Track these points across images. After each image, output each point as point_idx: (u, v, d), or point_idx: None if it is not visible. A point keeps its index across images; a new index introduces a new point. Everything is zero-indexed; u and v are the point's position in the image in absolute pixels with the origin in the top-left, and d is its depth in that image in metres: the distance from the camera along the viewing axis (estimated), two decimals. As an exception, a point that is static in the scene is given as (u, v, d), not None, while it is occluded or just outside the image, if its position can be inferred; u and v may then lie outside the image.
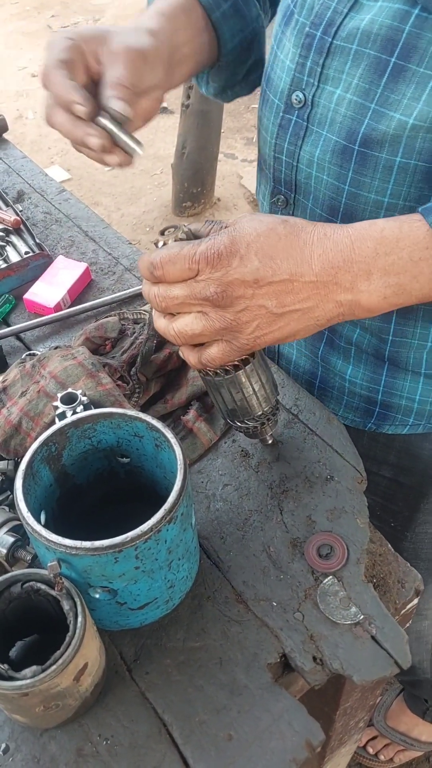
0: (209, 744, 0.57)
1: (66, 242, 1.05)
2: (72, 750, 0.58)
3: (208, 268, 0.55)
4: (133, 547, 0.54)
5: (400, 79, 0.61)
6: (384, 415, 0.85)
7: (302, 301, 0.57)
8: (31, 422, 0.72)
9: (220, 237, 0.56)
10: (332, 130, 0.68)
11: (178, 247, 0.56)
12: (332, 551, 0.67)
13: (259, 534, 0.70)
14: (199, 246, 0.56)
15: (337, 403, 0.88)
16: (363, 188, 0.67)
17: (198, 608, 0.65)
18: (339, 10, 0.65)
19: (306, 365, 0.89)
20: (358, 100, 0.65)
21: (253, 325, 0.57)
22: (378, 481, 0.94)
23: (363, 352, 0.80)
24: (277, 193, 0.77)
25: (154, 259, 0.57)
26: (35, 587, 0.57)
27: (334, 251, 0.56)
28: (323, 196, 0.71)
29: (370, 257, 0.56)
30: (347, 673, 0.61)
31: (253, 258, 0.55)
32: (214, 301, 0.56)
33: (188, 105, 2.57)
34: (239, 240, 0.56)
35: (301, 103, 0.70)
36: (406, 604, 0.70)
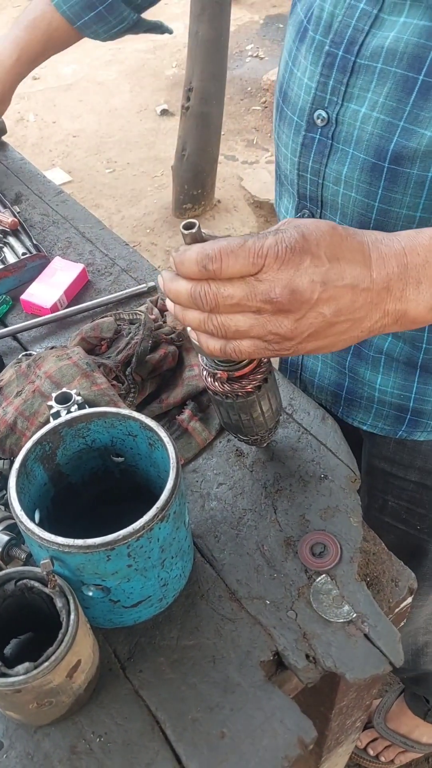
0: (202, 741, 0.58)
1: (63, 243, 1.06)
2: (66, 747, 0.58)
3: (276, 265, 0.49)
4: (126, 545, 0.55)
5: (429, 96, 0.61)
6: (416, 422, 0.84)
7: (357, 310, 0.53)
8: (26, 422, 0.72)
9: (290, 231, 0.49)
10: (359, 148, 0.67)
11: (240, 238, 0.49)
12: (326, 550, 0.68)
13: (253, 533, 0.70)
14: (265, 239, 0.49)
15: (365, 412, 0.87)
16: (394, 204, 0.67)
17: (192, 606, 0.66)
18: (360, 28, 0.64)
19: (332, 376, 0.88)
20: (386, 119, 0.64)
21: (306, 334, 0.52)
22: (404, 485, 0.93)
23: (394, 361, 0.80)
24: (303, 208, 0.77)
25: (209, 250, 0.49)
26: (29, 585, 0.57)
27: (389, 256, 0.53)
28: (352, 212, 0.71)
29: (421, 265, 0.53)
30: (340, 671, 0.61)
31: (323, 258, 0.50)
32: (278, 305, 0.50)
33: (188, 107, 2.58)
34: (310, 237, 0.50)
35: (325, 121, 0.69)
36: (399, 603, 0.70)
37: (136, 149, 3.34)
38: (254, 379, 0.62)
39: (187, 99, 2.57)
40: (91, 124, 3.52)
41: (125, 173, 3.20)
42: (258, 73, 3.77)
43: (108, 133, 3.46)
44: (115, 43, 1.07)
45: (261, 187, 2.95)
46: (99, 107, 3.66)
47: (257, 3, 4.45)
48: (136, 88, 3.79)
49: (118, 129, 3.49)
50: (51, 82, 3.86)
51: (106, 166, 3.25)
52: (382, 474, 0.95)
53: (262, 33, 4.17)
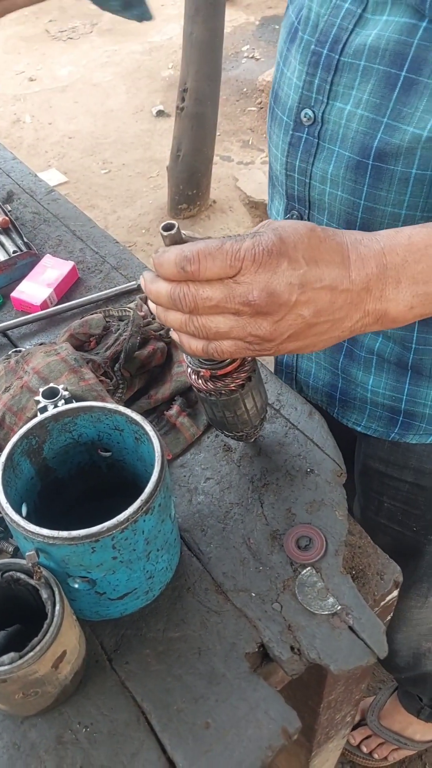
0: (187, 732, 0.58)
1: (54, 241, 1.07)
2: (52, 737, 0.59)
3: (253, 268, 0.49)
4: (110, 536, 0.55)
5: (411, 92, 0.62)
6: (408, 424, 0.85)
7: (336, 311, 0.53)
8: (14, 417, 0.73)
9: (267, 234, 0.50)
10: (344, 146, 0.68)
11: (218, 241, 0.50)
12: (311, 543, 0.68)
13: (239, 526, 0.71)
14: (243, 241, 0.50)
15: (359, 413, 0.88)
16: (379, 202, 0.67)
17: (178, 599, 0.66)
18: (344, 27, 0.65)
19: (326, 378, 0.88)
20: (370, 115, 0.65)
21: (286, 335, 0.53)
22: (399, 486, 0.94)
23: (385, 362, 0.80)
24: (291, 209, 0.77)
25: (188, 252, 0.50)
26: (15, 576, 0.58)
27: (368, 257, 0.54)
28: (338, 211, 0.71)
29: (400, 265, 0.54)
30: (324, 663, 0.61)
31: (300, 260, 0.51)
32: (256, 307, 0.50)
33: (183, 108, 2.59)
34: (287, 239, 0.50)
35: (311, 120, 0.70)
36: (385, 596, 0.70)
37: (132, 150, 3.35)
38: (238, 377, 0.62)
39: (182, 100, 2.58)
40: (86, 126, 3.53)
41: (121, 174, 3.20)
42: (254, 74, 3.78)
43: (104, 134, 3.47)
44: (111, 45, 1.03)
45: (256, 188, 2.96)
46: (95, 108, 3.67)
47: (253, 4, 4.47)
48: (132, 89, 3.81)
49: (114, 130, 3.50)
50: (47, 84, 3.87)
51: (102, 166, 3.26)
52: (377, 475, 0.95)
53: (258, 34, 4.18)
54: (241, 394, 0.64)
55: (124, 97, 3.75)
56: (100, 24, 4.38)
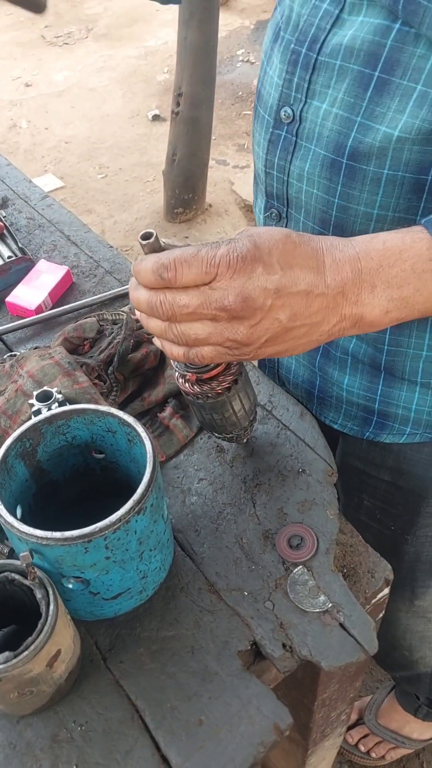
0: (180, 729, 0.59)
1: (48, 246, 1.08)
2: (47, 736, 0.60)
3: (228, 274, 0.51)
4: (103, 537, 0.56)
5: (384, 92, 0.63)
6: (381, 424, 0.85)
7: (312, 315, 0.55)
8: (8, 420, 0.74)
9: (242, 241, 0.51)
10: (320, 145, 0.69)
11: (193, 248, 0.51)
12: (302, 542, 0.69)
13: (232, 526, 0.72)
14: (218, 248, 0.51)
15: (336, 411, 0.89)
16: (352, 201, 0.68)
17: (172, 599, 0.67)
18: (322, 27, 0.66)
19: (305, 375, 0.89)
20: (344, 114, 0.66)
21: (263, 339, 0.54)
22: (377, 484, 0.94)
23: (359, 362, 0.81)
24: (270, 207, 0.79)
25: (164, 260, 0.51)
26: (9, 577, 0.59)
27: (343, 261, 0.55)
28: (314, 209, 0.72)
29: (375, 270, 0.55)
30: (316, 660, 0.62)
31: (275, 266, 0.52)
32: (232, 312, 0.52)
33: (178, 112, 2.60)
34: (262, 245, 0.52)
35: (290, 118, 0.71)
36: (376, 594, 0.71)
37: (128, 155, 3.36)
38: (224, 380, 0.63)
39: (177, 104, 2.59)
40: (83, 131, 3.55)
41: (117, 178, 3.22)
42: (249, 78, 3.80)
43: (100, 138, 3.49)
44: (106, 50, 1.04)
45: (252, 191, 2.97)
46: (91, 113, 3.68)
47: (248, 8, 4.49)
48: (127, 94, 3.82)
49: (110, 135, 3.51)
50: (43, 89, 3.89)
51: (99, 171, 3.27)
52: (356, 472, 0.96)
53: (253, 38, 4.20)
54: (228, 397, 0.65)
55: (119, 101, 3.76)
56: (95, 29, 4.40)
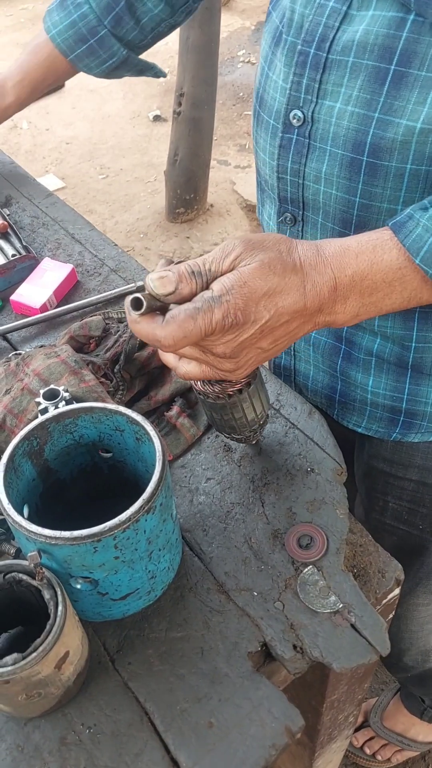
0: (190, 731, 0.58)
1: (53, 245, 1.07)
2: (55, 739, 0.59)
3: (221, 333, 0.55)
4: (112, 536, 0.55)
5: (402, 85, 0.62)
6: (409, 423, 0.84)
7: (290, 332, 0.59)
8: (15, 419, 0.73)
9: (235, 300, 0.54)
10: (337, 144, 0.68)
11: (189, 319, 0.53)
12: (312, 542, 0.68)
13: (240, 526, 0.71)
14: (212, 312, 0.53)
15: (360, 415, 0.88)
16: (375, 199, 0.68)
17: (180, 599, 0.66)
18: (330, 25, 0.65)
19: (325, 380, 0.88)
20: (361, 111, 0.65)
21: (249, 363, 0.59)
22: (404, 485, 0.93)
23: (384, 362, 0.80)
24: (284, 212, 0.77)
25: (160, 336, 0.54)
26: (17, 578, 0.58)
27: (321, 284, 0.58)
28: (333, 210, 0.71)
29: (348, 284, 0.59)
30: (327, 661, 0.61)
31: (263, 312, 0.55)
32: (222, 356, 0.57)
33: (180, 112, 2.59)
34: (253, 297, 0.54)
35: (301, 121, 0.70)
36: (386, 594, 0.70)
37: (129, 155, 3.36)
38: (238, 382, 0.63)
39: (179, 104, 2.59)
40: (84, 131, 3.54)
41: (118, 179, 3.21)
42: (250, 79, 3.79)
43: (101, 139, 3.48)
44: None
45: (253, 192, 2.97)
46: (92, 114, 3.68)
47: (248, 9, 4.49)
48: (128, 94, 3.82)
49: (111, 135, 3.51)
50: (44, 90, 3.88)
51: (100, 172, 3.27)
52: (381, 475, 0.95)
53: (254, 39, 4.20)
54: (240, 399, 0.64)
55: (121, 102, 3.76)
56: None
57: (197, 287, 0.55)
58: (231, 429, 0.69)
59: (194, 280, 0.54)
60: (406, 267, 0.59)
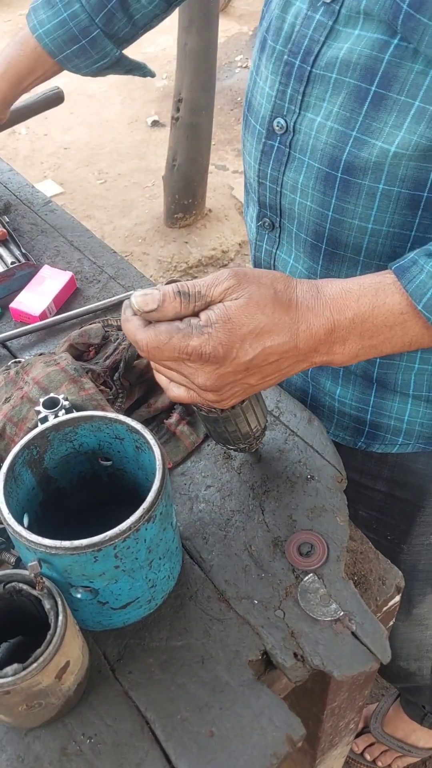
0: (191, 740, 0.58)
1: (52, 252, 1.07)
2: (56, 749, 0.59)
3: (200, 363, 0.54)
4: (112, 546, 0.55)
5: (381, 107, 0.62)
6: (373, 434, 0.85)
7: (282, 369, 0.59)
8: (14, 427, 0.73)
9: (216, 333, 0.53)
10: (314, 157, 0.68)
11: (166, 333, 0.53)
12: (312, 549, 0.68)
13: (241, 534, 0.71)
14: (190, 338, 0.53)
15: (328, 421, 0.88)
16: (347, 215, 0.68)
17: (181, 607, 0.66)
18: (315, 39, 0.65)
19: (297, 383, 0.89)
20: (340, 128, 0.65)
21: (234, 396, 0.59)
22: (373, 495, 0.94)
23: (352, 374, 0.81)
24: (263, 217, 0.78)
25: (138, 338, 0.55)
26: (17, 587, 0.58)
27: (317, 325, 0.57)
28: (307, 221, 0.72)
29: (348, 326, 0.58)
30: (328, 669, 0.61)
31: (248, 350, 0.55)
32: (201, 387, 0.56)
33: (178, 118, 2.60)
34: (237, 333, 0.54)
35: (283, 129, 0.70)
36: (387, 601, 0.70)
37: (128, 160, 3.36)
38: None
39: (177, 110, 2.59)
40: (82, 136, 3.55)
41: (117, 184, 3.21)
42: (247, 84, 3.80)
43: (99, 144, 3.49)
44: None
45: (251, 196, 2.97)
46: (90, 119, 3.68)
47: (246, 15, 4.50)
48: (126, 100, 3.82)
49: (110, 141, 3.51)
50: (42, 95, 3.89)
51: (98, 177, 3.27)
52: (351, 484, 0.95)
53: (252, 44, 4.21)
54: (233, 414, 0.64)
55: (119, 107, 3.77)
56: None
57: (181, 307, 0.54)
58: (225, 441, 0.69)
59: (179, 300, 0.54)
60: (408, 312, 0.58)
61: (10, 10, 4.73)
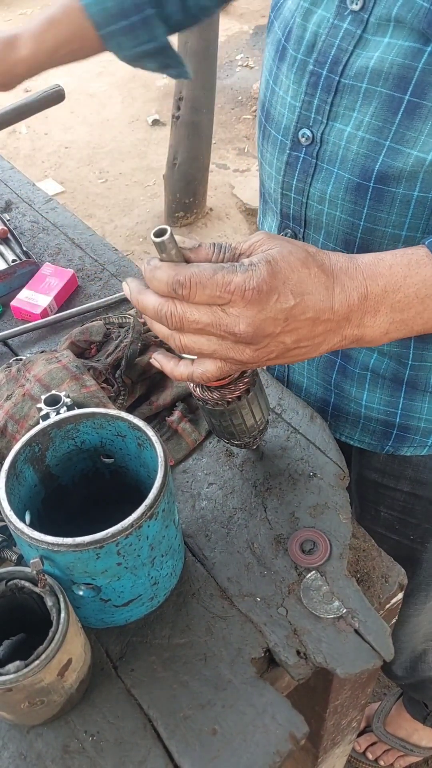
0: (194, 738, 0.58)
1: (53, 250, 1.07)
2: (58, 747, 0.58)
3: (242, 303, 0.51)
4: (115, 542, 0.55)
5: (415, 116, 0.61)
6: (402, 437, 0.84)
7: (316, 337, 0.56)
8: (16, 425, 0.73)
9: (260, 270, 0.51)
10: (344, 168, 0.67)
11: (210, 269, 0.51)
12: (315, 547, 0.68)
13: (243, 531, 0.71)
14: (235, 274, 0.50)
15: (352, 427, 0.87)
16: (379, 223, 0.67)
17: (183, 605, 0.66)
18: (343, 48, 0.64)
19: (318, 392, 0.88)
20: (372, 138, 0.64)
21: (266, 358, 0.56)
22: (395, 496, 0.94)
23: (380, 377, 0.80)
24: (285, 228, 0.77)
25: (180, 276, 0.51)
26: (19, 585, 0.58)
27: (351, 288, 0.55)
28: (336, 231, 0.71)
29: (380, 295, 0.56)
30: (331, 667, 0.61)
31: (289, 295, 0.52)
32: (241, 338, 0.52)
33: (179, 116, 2.60)
34: (279, 276, 0.52)
35: (309, 140, 0.69)
36: (390, 599, 0.70)
37: (128, 159, 3.36)
38: (236, 389, 0.63)
39: (178, 108, 2.59)
40: (83, 135, 3.54)
41: (117, 183, 3.21)
42: (248, 83, 3.80)
43: (100, 143, 3.49)
44: (106, 55, 0.99)
45: (252, 195, 2.97)
46: (91, 118, 3.68)
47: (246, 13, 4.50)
48: (127, 99, 3.82)
49: (110, 139, 3.51)
50: (43, 95, 3.88)
51: (99, 176, 3.27)
52: (373, 485, 0.95)
53: (252, 43, 4.21)
54: (239, 406, 0.64)
55: (119, 106, 3.77)
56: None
57: (213, 255, 0.53)
58: (230, 435, 0.69)
59: (212, 249, 0.53)
60: None
61: (10, 10, 4.73)
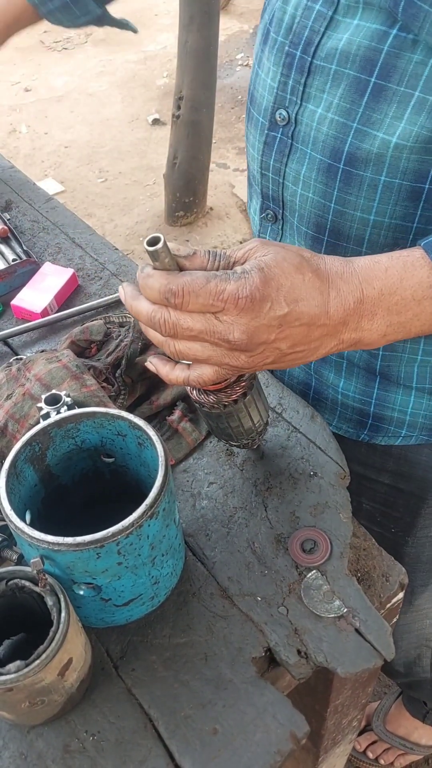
0: (194, 738, 0.58)
1: (53, 249, 1.07)
2: (59, 746, 0.58)
3: (236, 311, 0.51)
4: (115, 542, 0.55)
5: (381, 98, 0.62)
6: (377, 426, 0.85)
7: (312, 342, 0.56)
8: (16, 424, 0.73)
9: (253, 277, 0.51)
10: (316, 149, 0.68)
11: (203, 277, 0.51)
12: (316, 546, 0.68)
13: (243, 530, 0.71)
14: (228, 282, 0.51)
15: (331, 413, 0.88)
16: (349, 206, 0.68)
17: (183, 604, 0.66)
18: (316, 29, 0.65)
19: (300, 376, 0.89)
20: (340, 120, 0.65)
21: (262, 363, 0.56)
22: (377, 488, 0.94)
23: (354, 366, 0.81)
24: (266, 209, 0.78)
25: (172, 285, 0.51)
26: (20, 584, 0.57)
27: (346, 292, 0.55)
28: (309, 213, 0.72)
29: (376, 298, 0.56)
30: (331, 666, 0.61)
31: (282, 302, 0.52)
32: (235, 345, 0.53)
33: (179, 116, 2.60)
34: (272, 283, 0.52)
35: (285, 120, 0.70)
36: (390, 598, 0.70)
37: (128, 158, 3.36)
38: (233, 392, 0.63)
39: (178, 108, 2.59)
40: (83, 135, 3.54)
41: (117, 182, 3.21)
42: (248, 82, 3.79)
43: (100, 143, 3.48)
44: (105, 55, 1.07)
45: (252, 194, 2.97)
46: (91, 118, 3.68)
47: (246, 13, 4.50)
48: (127, 98, 3.82)
49: (110, 139, 3.51)
50: (42, 94, 3.89)
51: (99, 175, 3.27)
52: (355, 477, 0.95)
53: (252, 42, 4.20)
54: (236, 409, 0.64)
55: (119, 106, 3.76)
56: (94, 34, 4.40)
57: (208, 263, 0.53)
58: (228, 437, 0.69)
59: (206, 256, 0.53)
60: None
61: None
